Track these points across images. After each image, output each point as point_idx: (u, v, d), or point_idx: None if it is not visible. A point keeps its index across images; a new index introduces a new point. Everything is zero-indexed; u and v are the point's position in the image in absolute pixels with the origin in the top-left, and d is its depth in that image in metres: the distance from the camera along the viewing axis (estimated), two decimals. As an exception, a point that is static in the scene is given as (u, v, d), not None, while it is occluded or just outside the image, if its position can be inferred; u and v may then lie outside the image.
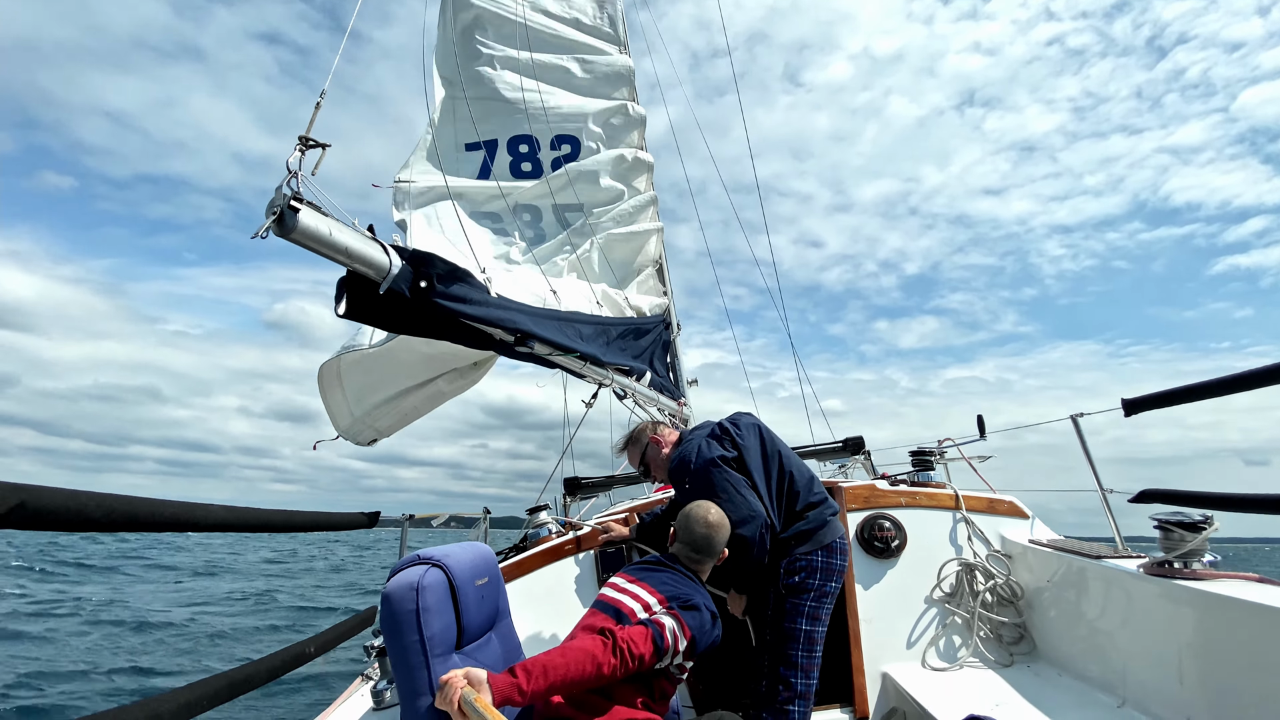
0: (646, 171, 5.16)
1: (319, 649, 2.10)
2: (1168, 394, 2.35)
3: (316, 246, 1.70)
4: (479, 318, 2.22)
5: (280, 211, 1.60)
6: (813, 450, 4.81)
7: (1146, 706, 2.13)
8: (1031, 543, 2.95)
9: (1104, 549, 2.67)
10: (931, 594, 2.96)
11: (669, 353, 5.12)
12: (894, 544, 3.02)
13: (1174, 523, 2.14)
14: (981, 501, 3.19)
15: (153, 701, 1.27)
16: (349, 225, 1.81)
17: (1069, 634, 2.63)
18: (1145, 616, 2.23)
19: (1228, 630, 1.89)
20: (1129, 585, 2.32)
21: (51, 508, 1.03)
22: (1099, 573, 2.49)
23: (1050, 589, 2.76)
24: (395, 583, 1.64)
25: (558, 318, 3.18)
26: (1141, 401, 2.48)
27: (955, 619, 2.89)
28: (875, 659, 2.83)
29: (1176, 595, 2.08)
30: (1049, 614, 2.77)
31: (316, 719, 2.14)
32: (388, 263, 1.89)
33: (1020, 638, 2.85)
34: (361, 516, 2.57)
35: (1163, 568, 2.17)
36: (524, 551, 3.19)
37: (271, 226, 1.60)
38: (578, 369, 3.30)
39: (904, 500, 3.18)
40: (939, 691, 2.51)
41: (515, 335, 2.52)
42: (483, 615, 1.86)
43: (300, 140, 1.72)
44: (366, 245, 1.85)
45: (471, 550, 1.93)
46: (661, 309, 5.11)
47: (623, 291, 4.74)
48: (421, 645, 1.56)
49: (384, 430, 4.39)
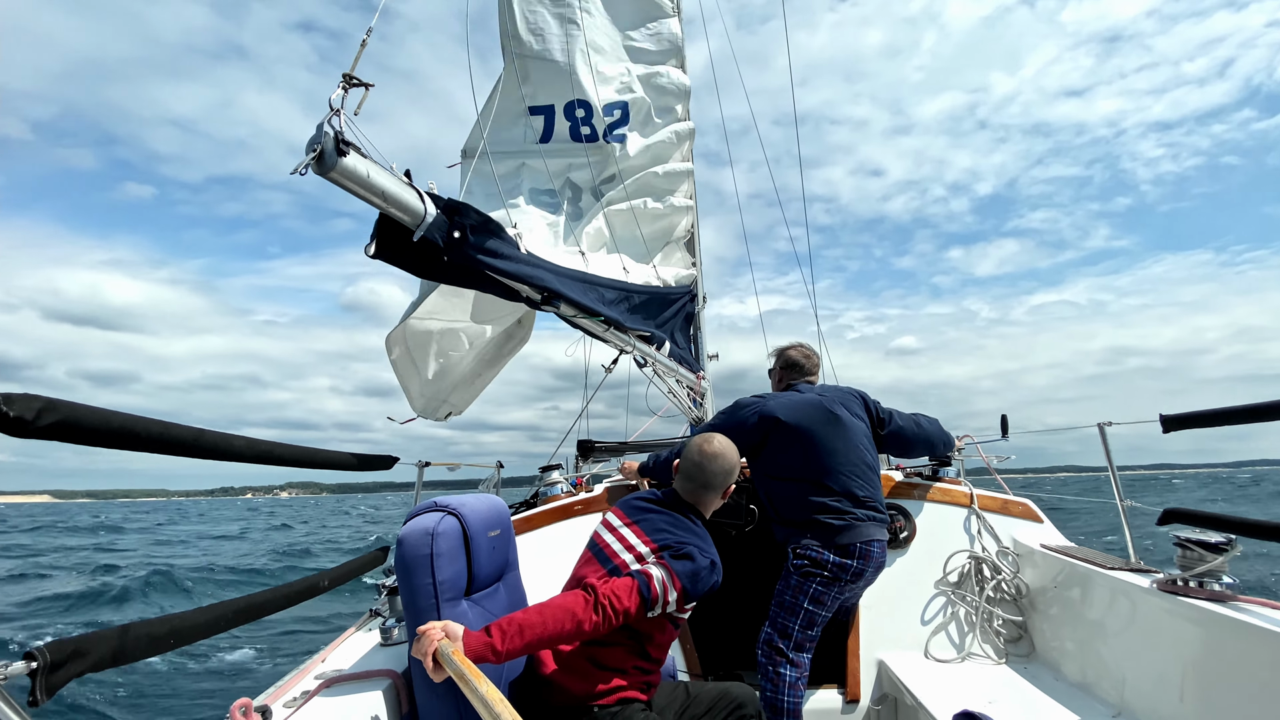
0: (688, 140, 5.05)
1: (332, 582, 2.16)
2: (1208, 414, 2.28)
3: (353, 187, 1.69)
4: (508, 273, 2.21)
5: (320, 149, 1.59)
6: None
7: (1142, 719, 2.13)
8: (1043, 546, 2.92)
9: (1117, 560, 2.64)
10: (937, 583, 2.97)
11: (691, 325, 5.09)
12: (903, 535, 3.03)
13: (1195, 541, 2.10)
14: (996, 502, 3.16)
15: (173, 618, 1.32)
16: (387, 169, 1.80)
17: (1070, 639, 2.62)
18: (1151, 630, 2.20)
19: (1235, 652, 1.86)
20: (1137, 598, 2.30)
21: (91, 423, 1.06)
22: (1108, 582, 2.47)
23: (1056, 592, 2.75)
24: (411, 527, 1.68)
25: (583, 279, 3.18)
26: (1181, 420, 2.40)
27: (957, 612, 2.90)
28: (872, 645, 2.85)
29: (1186, 613, 2.05)
30: (1052, 617, 2.76)
31: (325, 648, 2.22)
32: (423, 210, 1.88)
33: (1020, 637, 2.86)
34: (381, 458, 2.63)
35: (1176, 585, 2.14)
36: (534, 508, 3.25)
37: (311, 164, 1.59)
38: (600, 333, 3.30)
39: (917, 493, 3.16)
40: (933, 683, 2.53)
41: (543, 293, 2.52)
42: (493, 565, 1.90)
43: (344, 78, 1.70)
44: (403, 190, 1.83)
45: (486, 502, 1.96)
46: (689, 280, 5.07)
47: (650, 261, 4.71)
48: (433, 588, 1.61)
49: (458, 405, 4.46)
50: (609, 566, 1.80)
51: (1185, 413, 2.34)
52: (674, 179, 4.94)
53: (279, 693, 1.74)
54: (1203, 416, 2.26)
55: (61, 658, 0.99)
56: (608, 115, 4.63)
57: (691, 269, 5.17)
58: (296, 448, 1.87)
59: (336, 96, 1.66)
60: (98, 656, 1.08)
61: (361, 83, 1.68)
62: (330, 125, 1.61)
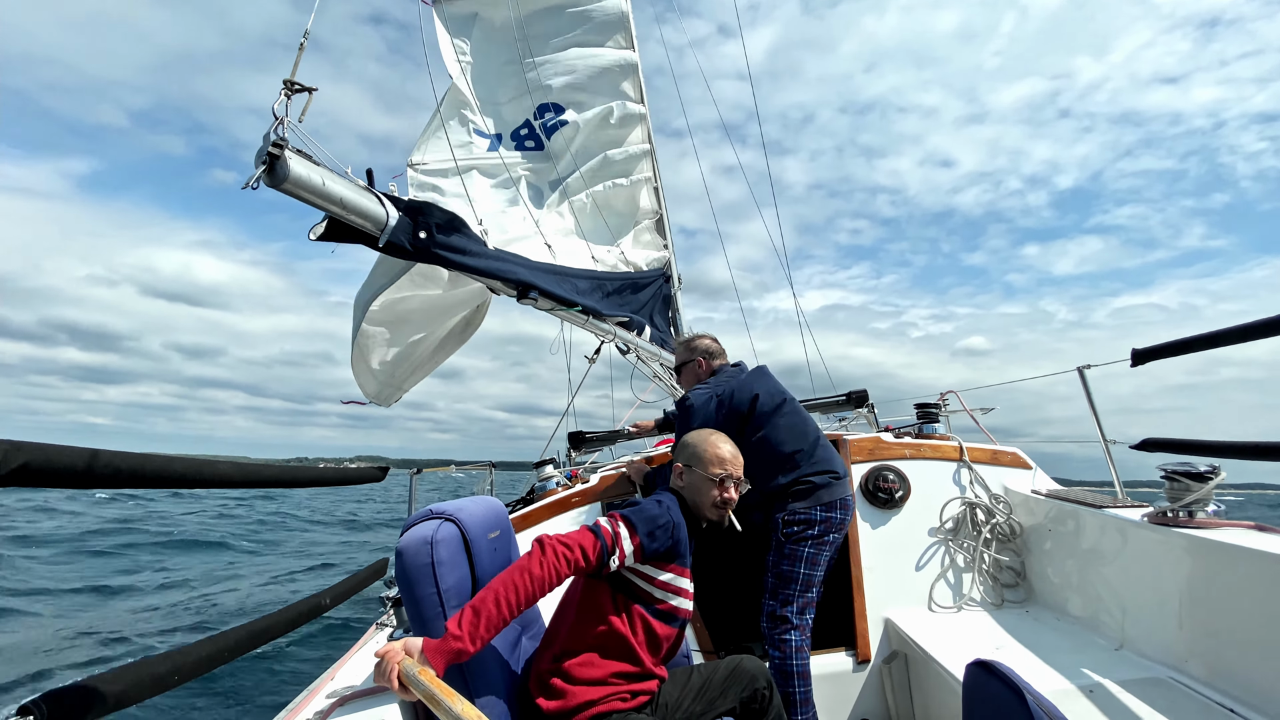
0: (639, 124, 5.01)
1: (334, 600, 2.13)
2: (1177, 344, 2.33)
3: (309, 197, 1.63)
4: (479, 269, 2.17)
5: (270, 160, 1.52)
6: (816, 403, 4.81)
7: (1144, 650, 2.19)
8: (1034, 492, 2.98)
9: (1105, 499, 2.69)
10: (933, 530, 3.03)
11: (670, 307, 5.07)
12: (898, 495, 3.06)
13: (1180, 472, 2.15)
14: (985, 453, 3.21)
15: (175, 654, 1.28)
16: (342, 175, 1.74)
17: (1068, 579, 2.69)
18: (1145, 563, 2.26)
19: (1226, 576, 1.92)
20: (1129, 533, 2.35)
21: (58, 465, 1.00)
22: (1099, 520, 2.52)
23: (1051, 536, 2.80)
24: (409, 538, 1.64)
25: (555, 271, 3.13)
26: (1149, 352, 2.46)
27: (956, 559, 2.96)
28: (878, 605, 2.89)
29: (1176, 542, 2.10)
30: (1048, 560, 2.82)
31: (335, 665, 2.19)
32: (384, 214, 1.82)
33: (1018, 582, 2.92)
34: (373, 470, 2.58)
35: (1166, 517, 2.19)
36: (531, 504, 3.22)
37: (262, 176, 1.52)
38: (580, 323, 3.26)
39: (908, 452, 3.20)
40: (939, 635, 2.57)
41: (518, 288, 2.47)
42: (495, 567, 1.87)
43: (285, 84, 1.62)
44: (361, 196, 1.77)
45: (483, 504, 1.93)
46: (661, 262, 5.04)
47: (618, 246, 4.68)
48: (438, 598, 1.58)
49: (406, 389, 4.40)
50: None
51: (1152, 346, 2.40)
52: (631, 160, 4.91)
53: (292, 715, 1.71)
54: (1170, 347, 2.32)
55: (61, 711, 0.95)
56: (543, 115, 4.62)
57: (663, 250, 5.13)
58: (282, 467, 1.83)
59: (280, 104, 1.59)
60: (99, 704, 1.04)
61: (304, 87, 1.61)
62: (276, 134, 1.54)
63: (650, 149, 5.12)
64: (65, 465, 1.04)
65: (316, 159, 1.64)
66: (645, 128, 5.09)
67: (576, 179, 4.50)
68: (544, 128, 4.63)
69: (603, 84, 5.00)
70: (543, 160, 4.47)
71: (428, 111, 4.28)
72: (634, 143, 5.02)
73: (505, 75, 4.73)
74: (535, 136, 4.60)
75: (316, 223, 1.87)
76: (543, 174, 4.53)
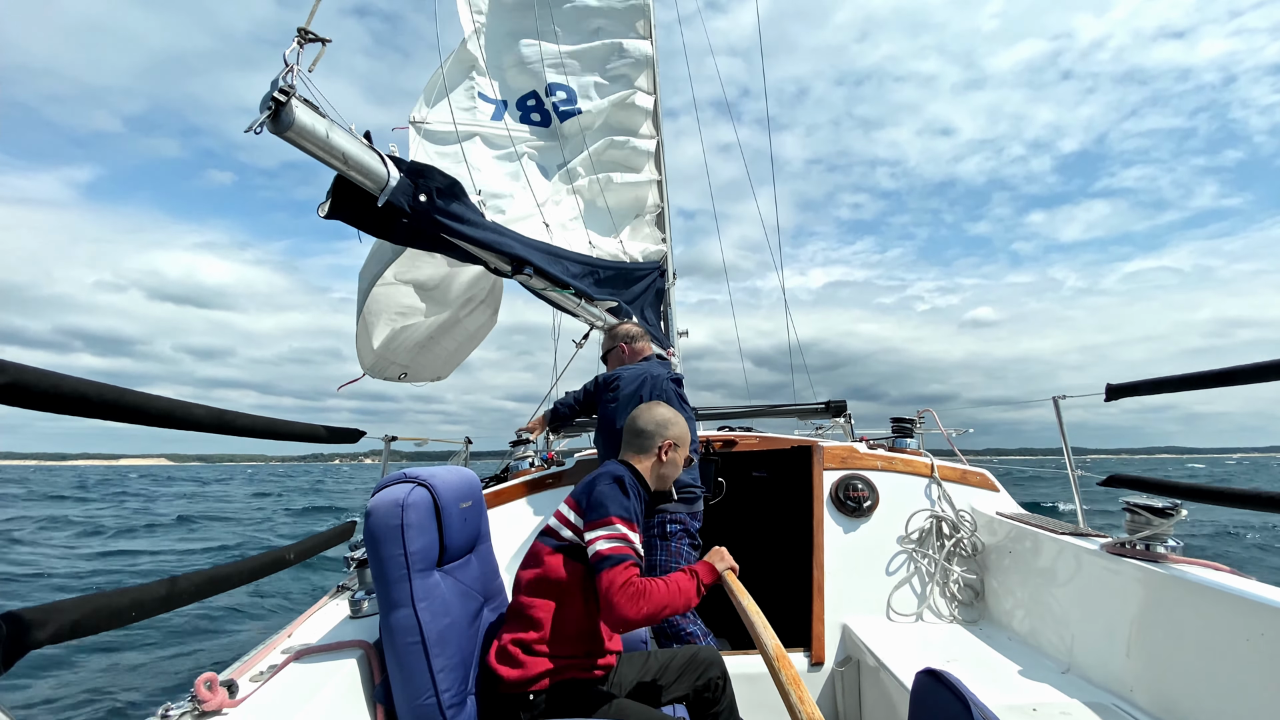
0: (646, 117, 5.01)
1: (298, 555, 2.11)
2: (1150, 383, 2.38)
3: (312, 148, 1.62)
4: (475, 239, 2.16)
5: (275, 106, 1.51)
6: (794, 409, 4.85)
7: (1091, 675, 2.24)
8: (999, 514, 3.04)
9: (1067, 526, 2.75)
10: (899, 539, 3.09)
11: (662, 302, 5.08)
12: (866, 504, 3.11)
13: (1142, 506, 2.20)
14: (955, 472, 3.27)
15: (135, 590, 1.27)
16: (346, 130, 1.72)
17: (1024, 601, 2.74)
18: (1098, 591, 2.32)
19: (1176, 609, 1.97)
20: (1085, 560, 2.41)
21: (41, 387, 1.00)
22: (1058, 546, 2.58)
23: (1010, 558, 2.86)
24: (380, 498, 1.64)
25: (550, 252, 3.13)
26: (1124, 388, 2.51)
27: (918, 570, 3.02)
28: (837, 610, 2.93)
29: (1130, 573, 2.16)
30: (1006, 580, 2.88)
31: (293, 623, 2.18)
32: (385, 173, 1.81)
33: (976, 599, 2.98)
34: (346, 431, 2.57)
35: (1123, 548, 2.24)
36: (504, 482, 3.23)
37: (266, 122, 1.51)
38: (571, 307, 3.26)
39: (880, 464, 3.25)
40: (893, 644, 2.62)
41: (512, 263, 2.47)
42: (465, 536, 1.88)
43: (299, 32, 1.61)
44: (364, 153, 1.76)
45: (457, 473, 1.94)
46: (659, 256, 5.04)
47: (617, 236, 4.68)
48: (404, 559, 1.58)
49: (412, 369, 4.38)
50: (550, 543, 1.83)
51: (1127, 383, 2.44)
52: (638, 154, 4.90)
53: (245, 667, 1.70)
54: (1145, 385, 2.36)
55: (20, 630, 0.95)
56: (554, 94, 4.59)
57: (661, 245, 5.13)
58: (259, 418, 1.81)
59: (291, 52, 1.57)
60: (56, 629, 1.04)
61: (318, 38, 1.60)
62: (285, 81, 1.52)
63: (659, 143, 5.12)
64: (48, 388, 1.04)
65: (322, 111, 1.63)
66: (655, 121, 5.09)
67: (583, 162, 4.48)
68: (554, 107, 4.59)
69: (618, 73, 4.98)
70: (549, 139, 4.44)
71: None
72: (643, 135, 5.02)
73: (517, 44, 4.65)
74: (543, 111, 4.55)
75: (323, 201, 1.87)
76: (548, 154, 4.50)
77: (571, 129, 4.60)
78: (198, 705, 1.36)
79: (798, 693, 1.15)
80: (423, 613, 1.60)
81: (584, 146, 4.57)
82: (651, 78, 5.08)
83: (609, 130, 4.91)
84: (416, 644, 1.59)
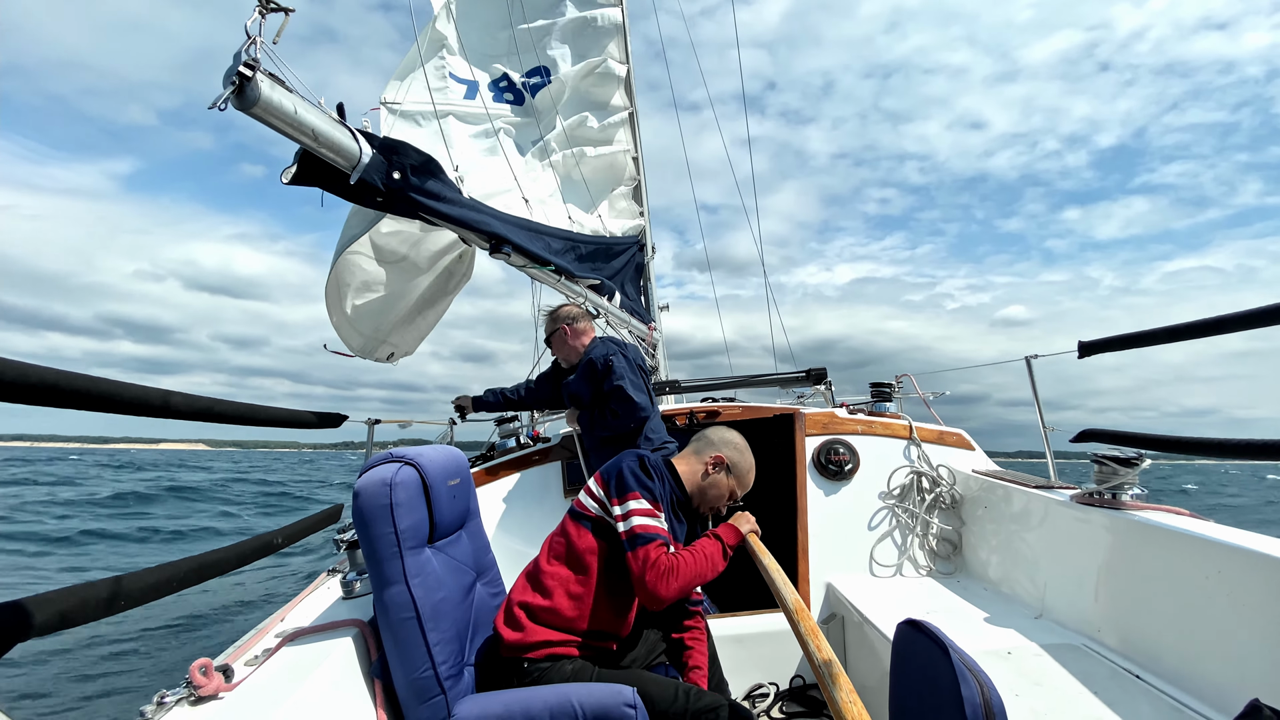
0: (618, 85, 4.94)
1: (286, 540, 2.11)
2: (1123, 338, 2.46)
3: (281, 125, 1.57)
4: (453, 218, 2.13)
5: (239, 81, 1.47)
6: (775, 378, 4.92)
7: (1061, 619, 2.35)
8: (974, 471, 3.14)
9: (1039, 479, 2.86)
10: (881, 494, 3.20)
11: (642, 276, 5.08)
12: (847, 467, 3.19)
13: (1109, 458, 2.29)
14: (932, 433, 3.36)
15: (123, 578, 1.27)
16: (314, 105, 1.68)
17: (998, 552, 2.86)
18: (1068, 540, 2.42)
19: (1139, 553, 2.07)
20: (1055, 511, 2.51)
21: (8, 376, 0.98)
22: (1030, 499, 2.68)
23: (985, 511, 2.97)
24: (367, 478, 1.64)
25: (529, 228, 3.10)
26: (1096, 345, 2.58)
27: (899, 528, 3.13)
28: (821, 570, 3.02)
29: (1097, 520, 2.26)
30: (981, 533, 2.99)
31: (286, 606, 2.18)
32: (357, 150, 1.77)
33: (952, 553, 3.09)
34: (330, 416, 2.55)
35: (1091, 498, 2.34)
36: (490, 460, 3.24)
37: (230, 98, 1.46)
38: (552, 283, 3.25)
39: (860, 428, 3.32)
40: (876, 599, 2.72)
41: (492, 240, 2.45)
42: (454, 513, 1.89)
43: (260, 2, 1.56)
44: (334, 129, 1.72)
45: (444, 452, 1.94)
46: (637, 230, 5.03)
47: (595, 210, 4.64)
48: (395, 536, 1.59)
49: (401, 346, 4.30)
50: (577, 516, 1.85)
51: (1099, 339, 2.52)
52: (611, 126, 4.85)
53: (239, 651, 1.71)
54: (1116, 340, 2.44)
55: (5, 623, 0.94)
56: (528, 74, 4.52)
57: (640, 219, 5.11)
58: (240, 404, 1.79)
59: (253, 23, 1.52)
60: (43, 621, 1.04)
61: (280, 7, 1.55)
62: (247, 54, 1.48)
63: (632, 112, 5.06)
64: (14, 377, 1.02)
65: (289, 85, 1.58)
66: (627, 90, 5.02)
67: (557, 137, 4.43)
68: (526, 85, 4.52)
69: (588, 42, 4.90)
70: (523, 115, 4.37)
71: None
72: (616, 105, 4.95)
73: (489, 23, 4.58)
74: (515, 90, 4.49)
75: (288, 166, 1.82)
76: (523, 130, 4.44)
77: (544, 101, 4.53)
78: (193, 691, 1.37)
79: (815, 641, 1.21)
80: (416, 588, 1.61)
81: (557, 118, 4.51)
82: (623, 46, 4.99)
83: (582, 99, 4.84)
84: (411, 619, 1.61)
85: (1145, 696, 1.80)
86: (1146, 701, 1.77)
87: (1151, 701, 1.77)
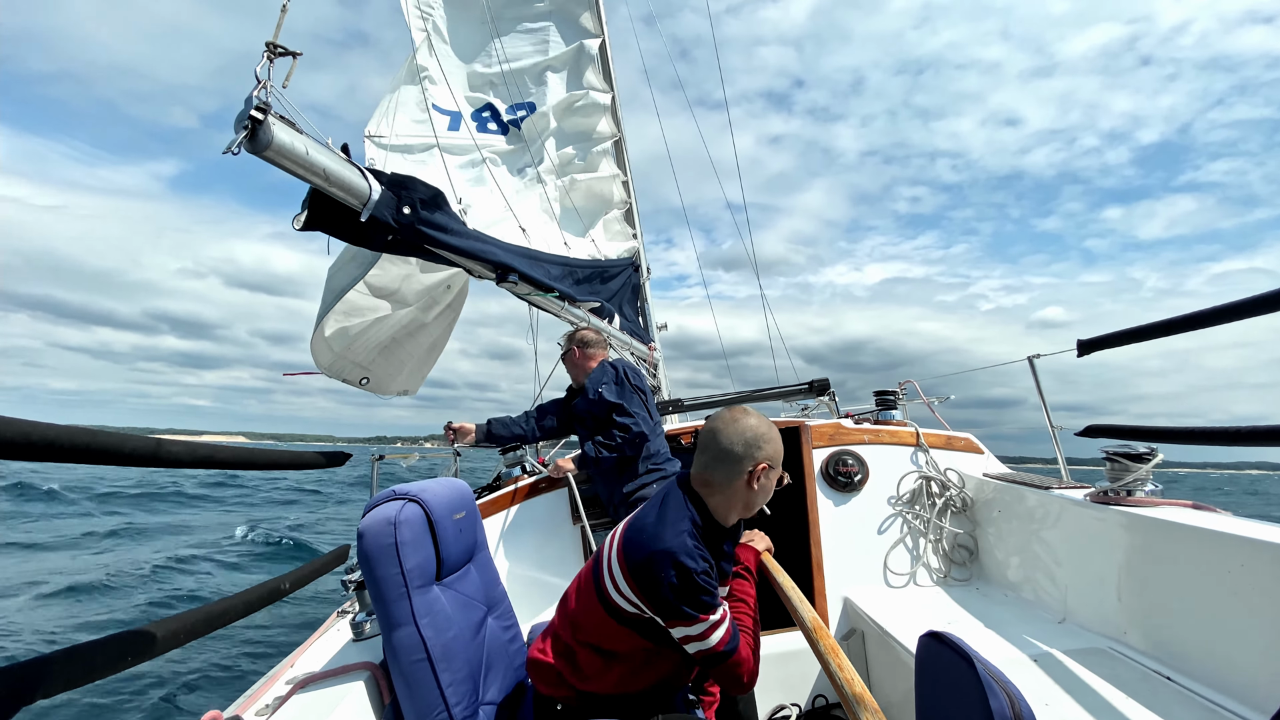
0: (604, 113, 5.02)
1: (294, 584, 2.07)
2: (1122, 334, 2.48)
3: (292, 167, 1.59)
4: (462, 249, 2.14)
5: (252, 125, 1.48)
6: (778, 391, 4.93)
7: (1086, 622, 2.34)
8: (985, 475, 3.14)
9: (1051, 481, 2.86)
10: (891, 500, 3.19)
11: (639, 297, 5.10)
12: (856, 478, 3.19)
13: (1120, 454, 2.30)
14: (940, 439, 3.36)
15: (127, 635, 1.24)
16: (324, 145, 1.70)
17: (1016, 556, 2.85)
18: (1087, 540, 2.42)
19: (1161, 551, 2.06)
20: (1072, 512, 2.51)
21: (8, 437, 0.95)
22: (1044, 501, 2.68)
23: (999, 515, 2.97)
24: (371, 518, 1.61)
25: (529, 255, 3.12)
26: (1095, 342, 2.61)
27: (911, 534, 3.12)
28: (837, 584, 3.00)
29: (1114, 519, 2.25)
30: (996, 538, 2.98)
31: (295, 651, 2.14)
32: (367, 188, 1.78)
33: (968, 560, 3.08)
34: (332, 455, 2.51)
35: (1106, 496, 2.34)
36: (497, 491, 3.21)
37: (243, 142, 1.48)
38: (556, 310, 3.26)
39: (867, 438, 3.33)
40: (895, 612, 2.70)
41: (497, 270, 2.46)
42: (461, 548, 1.85)
43: (268, 46, 1.58)
44: (344, 168, 1.73)
45: (448, 485, 1.91)
46: (630, 252, 5.07)
47: (588, 235, 4.68)
48: (402, 578, 1.55)
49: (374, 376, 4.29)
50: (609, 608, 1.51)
51: (1098, 336, 2.54)
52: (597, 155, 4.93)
53: (250, 701, 1.67)
54: (1115, 337, 2.46)
55: (5, 691, 0.91)
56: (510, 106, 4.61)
57: (632, 240, 5.16)
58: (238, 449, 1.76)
59: (262, 68, 1.54)
60: (46, 685, 1.00)
61: (288, 51, 1.57)
62: (259, 98, 1.49)
63: (619, 139, 5.13)
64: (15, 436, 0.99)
65: (299, 127, 1.60)
66: (614, 117, 5.10)
67: (545, 166, 4.49)
68: (510, 114, 4.59)
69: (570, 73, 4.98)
70: (512, 142, 4.43)
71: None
72: (603, 133, 5.02)
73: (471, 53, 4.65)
74: (500, 120, 4.56)
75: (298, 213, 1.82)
76: (511, 158, 4.49)
77: (531, 132, 4.59)
78: None
79: (836, 660, 1.18)
80: (425, 629, 1.58)
81: (545, 148, 4.56)
82: (606, 74, 5.08)
83: (568, 130, 4.91)
84: (422, 661, 1.57)
85: (1178, 698, 1.78)
86: (1180, 704, 1.76)
87: (1184, 703, 1.76)
